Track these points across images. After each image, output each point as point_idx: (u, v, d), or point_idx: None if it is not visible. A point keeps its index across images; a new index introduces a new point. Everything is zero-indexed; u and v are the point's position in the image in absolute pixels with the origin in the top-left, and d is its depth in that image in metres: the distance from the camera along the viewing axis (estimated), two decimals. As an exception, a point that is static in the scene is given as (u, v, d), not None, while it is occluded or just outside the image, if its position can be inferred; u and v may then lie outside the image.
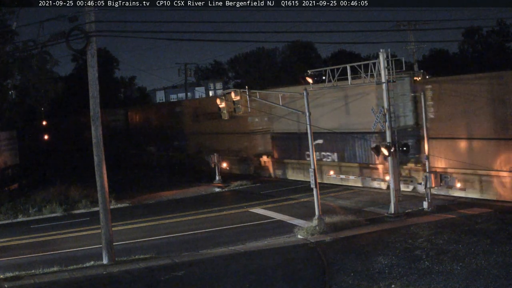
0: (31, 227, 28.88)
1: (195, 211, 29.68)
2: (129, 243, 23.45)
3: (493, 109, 25.56)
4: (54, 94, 42.58)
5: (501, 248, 18.18)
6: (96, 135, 20.76)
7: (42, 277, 18.95)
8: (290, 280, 17.15)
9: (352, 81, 27.21)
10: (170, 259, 20.29)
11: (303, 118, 24.54)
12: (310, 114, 23.93)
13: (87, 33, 20.00)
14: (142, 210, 32.09)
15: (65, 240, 25.21)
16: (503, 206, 24.36)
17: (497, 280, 15.34)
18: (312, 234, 22.29)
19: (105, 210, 20.71)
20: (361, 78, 27.13)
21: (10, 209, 32.19)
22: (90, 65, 20.65)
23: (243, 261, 19.49)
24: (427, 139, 26.05)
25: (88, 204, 32.63)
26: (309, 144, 24.11)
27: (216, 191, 36.75)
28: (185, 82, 74.22)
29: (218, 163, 39.51)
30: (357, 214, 25.33)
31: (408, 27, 50.74)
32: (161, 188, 38.91)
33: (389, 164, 25.33)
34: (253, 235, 23.20)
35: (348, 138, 32.68)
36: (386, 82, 25.23)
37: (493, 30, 65.90)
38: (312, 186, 23.70)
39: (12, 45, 36.83)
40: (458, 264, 17.00)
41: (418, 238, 20.48)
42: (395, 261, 17.91)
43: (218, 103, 27.09)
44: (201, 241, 23.12)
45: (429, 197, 25.23)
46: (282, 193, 33.17)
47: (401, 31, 51.45)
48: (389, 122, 24.87)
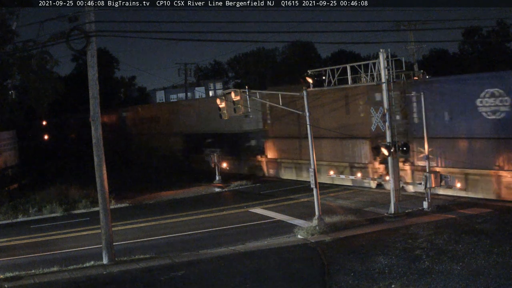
0: (31, 227, 28.87)
1: (195, 211, 29.68)
2: (129, 243, 23.45)
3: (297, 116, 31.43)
4: (54, 94, 42.56)
5: (501, 248, 18.18)
6: (96, 135, 20.76)
7: (42, 277, 18.94)
8: (290, 280, 17.15)
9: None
10: (170, 259, 20.29)
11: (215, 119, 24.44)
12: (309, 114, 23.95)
13: (87, 33, 20.00)
14: (142, 210, 32.11)
15: (65, 240, 25.21)
16: (503, 206, 24.38)
17: (497, 280, 15.34)
18: (312, 234, 22.28)
19: (105, 210, 20.71)
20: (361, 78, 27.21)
21: (10, 209, 32.15)
22: (90, 65, 20.65)
23: (243, 261, 19.49)
24: (427, 139, 26.03)
25: (88, 204, 32.60)
26: (309, 144, 24.08)
27: (216, 191, 36.75)
28: (185, 82, 74.32)
29: (218, 163, 39.46)
30: (357, 214, 25.34)
31: (408, 27, 50.72)
32: (160, 188, 38.89)
33: (389, 164, 25.34)
34: (253, 235, 23.20)
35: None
36: (386, 82, 25.24)
37: (493, 30, 65.88)
38: (312, 186, 23.69)
39: (12, 45, 36.82)
40: (458, 264, 17.00)
41: (418, 238, 20.48)
42: (395, 261, 17.91)
43: (218, 103, 27.06)
44: (201, 241, 23.13)
45: (429, 197, 25.22)
46: (282, 193, 33.18)
47: (401, 31, 51.45)
48: (389, 122, 24.89)
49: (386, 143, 24.73)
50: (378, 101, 30.66)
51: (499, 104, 25.58)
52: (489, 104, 25.90)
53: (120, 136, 63.16)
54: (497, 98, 25.70)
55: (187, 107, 53.05)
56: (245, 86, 26.18)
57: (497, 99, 25.67)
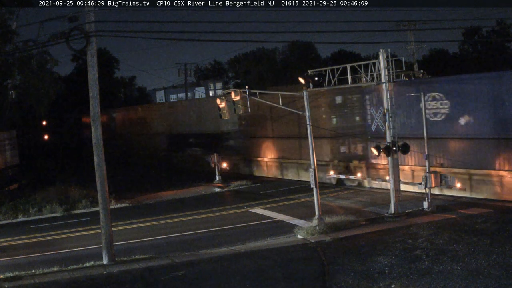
0: (31, 227, 28.86)
1: (195, 211, 29.69)
2: (129, 243, 23.45)
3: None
4: (54, 94, 42.61)
5: (501, 248, 18.18)
6: (96, 135, 20.77)
7: (42, 277, 18.93)
8: (290, 280, 17.15)
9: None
10: (170, 259, 20.29)
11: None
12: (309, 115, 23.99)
13: (87, 33, 20.00)
14: (142, 210, 32.11)
15: (65, 240, 25.20)
16: (503, 206, 24.39)
17: (497, 280, 15.34)
18: (312, 234, 22.29)
19: (105, 210, 20.71)
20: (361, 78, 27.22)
21: (10, 209, 32.15)
22: (90, 65, 20.65)
23: (243, 261, 19.49)
24: (426, 139, 26.02)
25: (88, 204, 32.61)
26: (309, 144, 24.10)
27: (216, 191, 36.77)
28: (185, 82, 74.33)
29: (218, 163, 39.48)
30: (357, 214, 25.34)
31: (408, 27, 50.70)
32: (160, 188, 38.91)
33: (389, 164, 25.34)
34: (253, 235, 23.20)
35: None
36: (386, 82, 25.24)
37: (493, 30, 65.79)
38: (312, 186, 23.71)
39: (12, 45, 36.84)
40: (458, 264, 17.00)
41: (418, 238, 20.48)
42: (395, 261, 17.91)
43: (218, 103, 27.08)
44: (201, 241, 23.13)
45: (429, 197, 25.23)
46: (282, 193, 33.20)
47: (401, 31, 51.40)
48: (389, 122, 24.89)
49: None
50: (339, 104, 34.81)
51: (440, 107, 27.90)
52: (431, 107, 28.07)
53: (109, 135, 64.40)
54: (438, 101, 27.93)
55: (171, 109, 57.33)
56: (245, 86, 26.18)
57: (438, 102, 27.92)
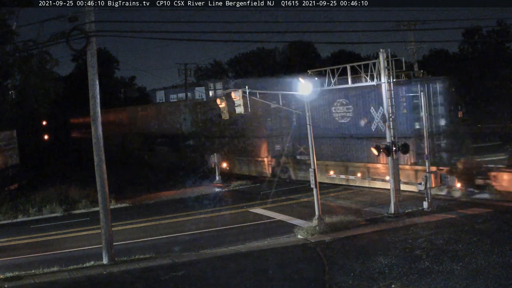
0: (31, 227, 28.86)
1: (195, 211, 29.68)
2: (129, 243, 23.45)
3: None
4: (54, 94, 42.57)
5: (501, 248, 18.19)
6: (96, 135, 20.76)
7: (42, 277, 18.93)
8: (290, 280, 17.16)
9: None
10: (170, 259, 20.29)
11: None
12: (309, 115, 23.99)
13: (87, 33, 19.99)
14: (142, 210, 32.10)
15: (65, 240, 25.20)
16: (503, 206, 24.39)
17: (497, 280, 15.35)
18: (312, 234, 22.29)
19: (105, 210, 20.70)
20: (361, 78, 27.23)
21: (10, 209, 32.14)
22: (90, 65, 20.64)
23: (243, 261, 19.49)
24: (426, 139, 26.03)
25: (88, 204, 32.60)
26: (309, 144, 24.09)
27: (216, 191, 36.77)
28: (185, 82, 74.32)
29: (218, 163, 39.49)
30: (357, 214, 25.34)
31: (408, 27, 50.65)
32: (161, 188, 38.90)
33: (389, 164, 25.34)
34: (253, 235, 23.20)
35: None
36: (386, 82, 25.24)
37: (493, 30, 65.74)
38: (312, 186, 23.70)
39: (12, 45, 36.82)
40: (458, 264, 17.00)
41: (418, 238, 20.48)
42: (395, 261, 17.91)
43: (218, 103, 27.08)
44: (201, 241, 23.13)
45: (429, 197, 25.23)
46: (282, 193, 33.19)
47: (401, 31, 51.36)
48: (389, 122, 24.88)
49: (387, 142, 24.77)
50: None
51: (345, 111, 33.27)
52: (339, 111, 33.48)
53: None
54: (344, 106, 33.14)
55: (145, 111, 63.51)
56: (245, 86, 26.21)
57: (344, 107, 33.09)
